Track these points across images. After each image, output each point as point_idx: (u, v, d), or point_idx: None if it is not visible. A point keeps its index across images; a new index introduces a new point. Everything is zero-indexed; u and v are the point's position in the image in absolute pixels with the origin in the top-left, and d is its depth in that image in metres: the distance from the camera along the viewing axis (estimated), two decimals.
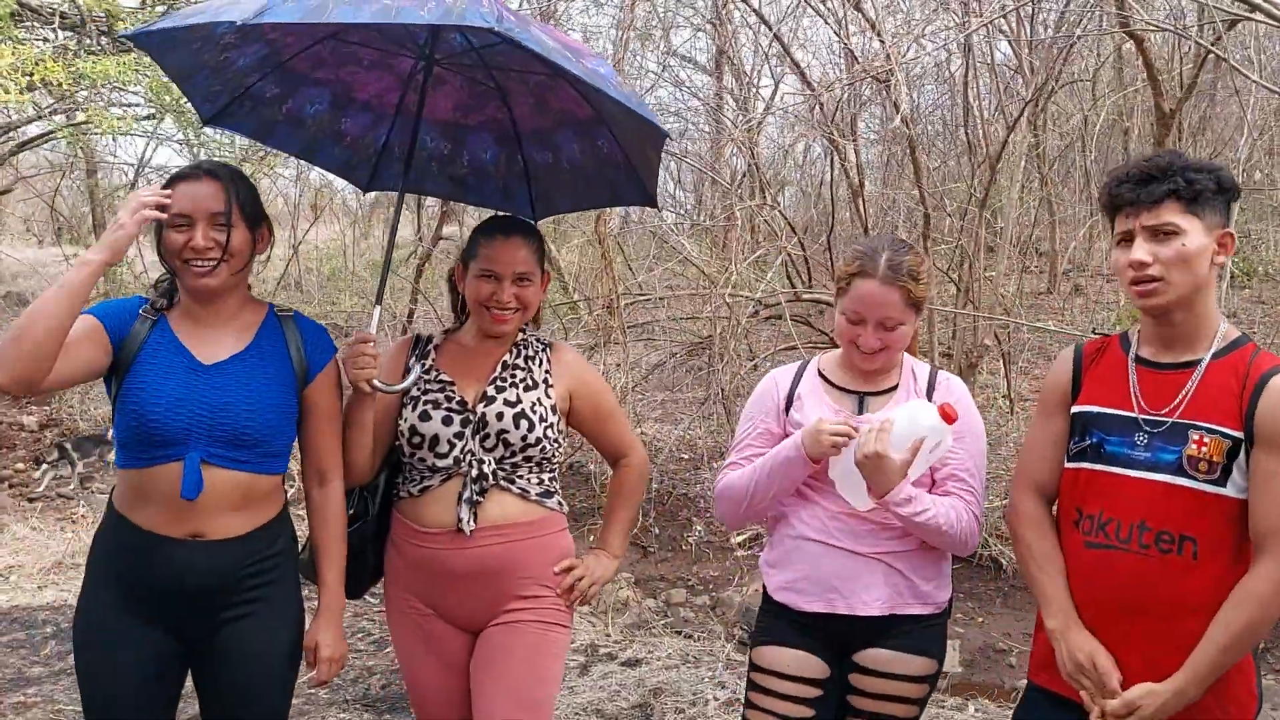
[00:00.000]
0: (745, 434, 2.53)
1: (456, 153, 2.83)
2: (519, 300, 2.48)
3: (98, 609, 2.25)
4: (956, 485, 2.36)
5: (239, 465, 2.22)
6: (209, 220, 2.19)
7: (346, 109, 2.75)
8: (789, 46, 7.45)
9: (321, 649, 2.35)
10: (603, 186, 2.77)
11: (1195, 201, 1.99)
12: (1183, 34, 5.95)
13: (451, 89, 2.73)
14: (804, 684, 2.38)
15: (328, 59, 2.62)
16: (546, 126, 2.69)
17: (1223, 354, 2.04)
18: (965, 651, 4.83)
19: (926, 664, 2.37)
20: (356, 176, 2.89)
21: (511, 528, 2.44)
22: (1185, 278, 2.00)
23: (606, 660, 4.52)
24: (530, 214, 2.84)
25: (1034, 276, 9.98)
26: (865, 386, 2.45)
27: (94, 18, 7.05)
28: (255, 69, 2.56)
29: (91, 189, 11.63)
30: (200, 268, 2.19)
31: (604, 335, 6.46)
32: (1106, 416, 2.12)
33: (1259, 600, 1.93)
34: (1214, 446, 1.97)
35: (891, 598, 2.35)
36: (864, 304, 2.34)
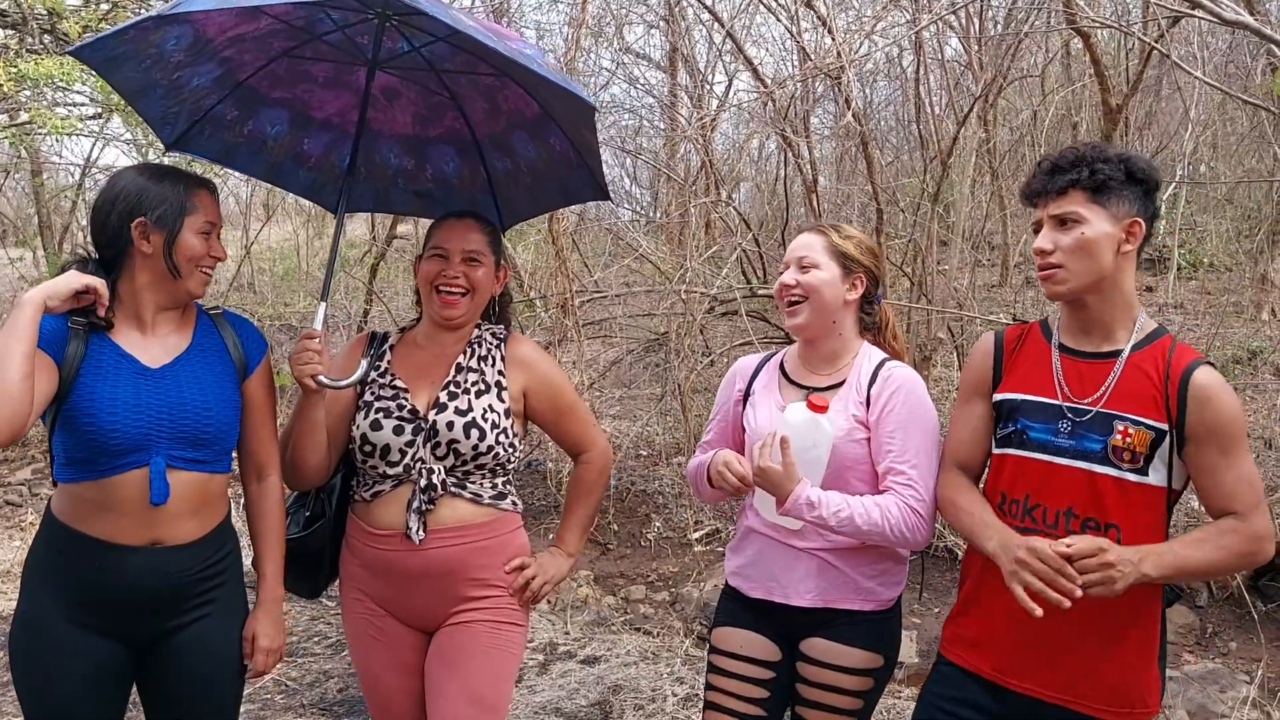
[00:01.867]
0: (709, 425, 2.69)
1: (419, 167, 2.82)
2: (468, 280, 2.47)
3: (40, 623, 2.20)
4: (894, 479, 2.32)
5: (198, 466, 2.23)
6: (218, 233, 2.30)
7: (307, 129, 2.73)
8: (742, 43, 7.47)
9: (260, 639, 2.35)
10: (557, 187, 2.77)
11: (1099, 191, 2.05)
12: (1127, 30, 6.05)
13: (408, 101, 2.72)
14: (755, 665, 2.46)
15: (284, 77, 2.60)
16: (500, 130, 2.69)
17: (1142, 345, 2.10)
18: (921, 641, 4.88)
19: (868, 658, 2.38)
20: (325, 199, 2.86)
21: (464, 530, 2.44)
22: (1085, 265, 2.06)
23: (565, 658, 4.51)
24: (499, 224, 2.83)
25: (986, 270, 10.10)
26: (814, 381, 2.46)
27: (35, 16, 6.90)
28: (212, 90, 2.54)
29: (37, 190, 11.38)
30: (208, 275, 2.29)
31: (560, 334, 6.44)
32: (1030, 403, 2.17)
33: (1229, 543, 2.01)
34: (1138, 438, 2.03)
35: (824, 591, 2.38)
36: (791, 251, 2.48)
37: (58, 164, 11.90)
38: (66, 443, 2.15)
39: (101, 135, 9.41)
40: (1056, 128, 9.90)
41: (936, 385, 7.51)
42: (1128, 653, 2.08)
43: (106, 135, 9.37)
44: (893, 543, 2.32)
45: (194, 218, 2.22)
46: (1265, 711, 4.01)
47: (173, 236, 2.19)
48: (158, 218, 2.19)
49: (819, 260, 2.42)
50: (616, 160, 10.08)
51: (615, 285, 7.75)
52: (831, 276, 2.41)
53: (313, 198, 2.90)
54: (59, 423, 2.16)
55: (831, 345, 2.46)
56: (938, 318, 6.68)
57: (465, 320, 2.52)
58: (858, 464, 2.36)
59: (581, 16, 5.43)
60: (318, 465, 2.45)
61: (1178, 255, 9.29)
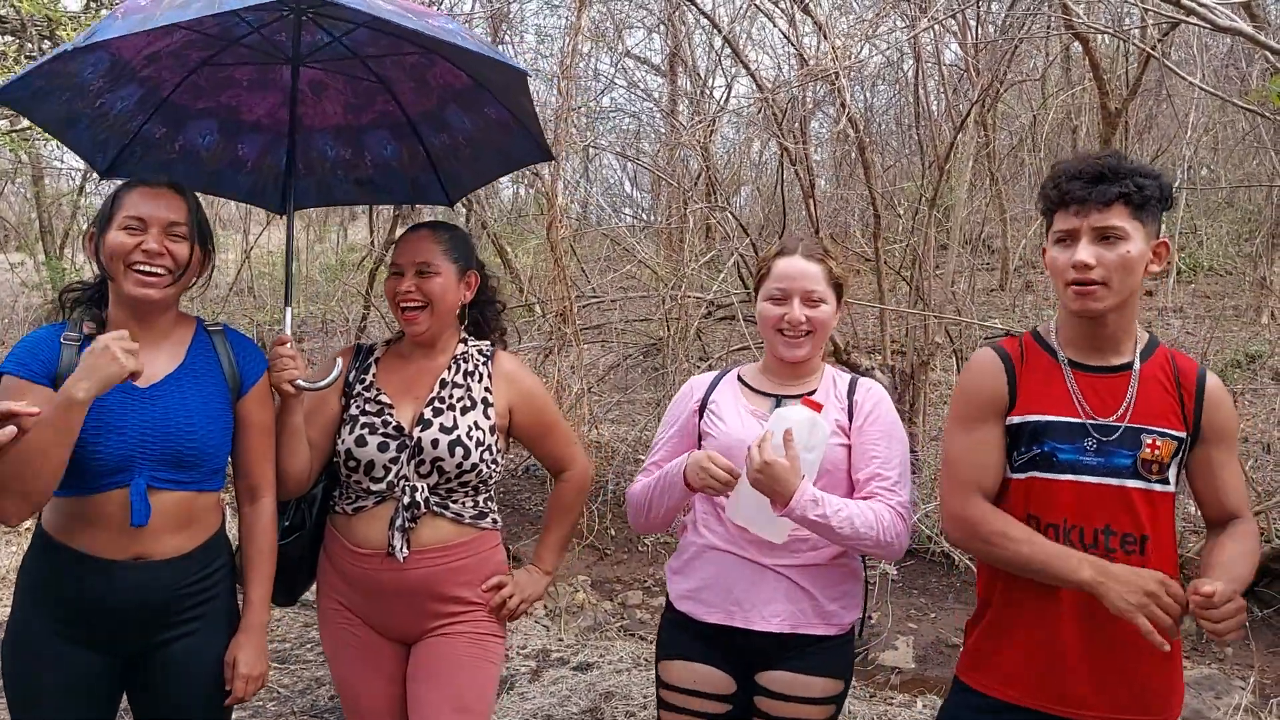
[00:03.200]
0: (657, 441, 2.55)
1: (358, 155, 2.81)
2: (422, 293, 2.42)
3: (28, 632, 2.20)
4: (880, 484, 2.30)
5: (183, 486, 2.19)
6: (163, 228, 2.16)
7: (239, 134, 2.71)
8: (741, 48, 7.47)
9: (240, 666, 2.29)
10: (497, 154, 2.75)
11: (1142, 208, 1.99)
12: (1122, 37, 6.04)
13: (336, 91, 2.70)
14: (711, 700, 2.37)
15: (206, 87, 2.58)
16: (432, 106, 2.67)
17: (1146, 356, 2.09)
18: (918, 647, 4.87)
19: (829, 685, 2.34)
20: (268, 200, 2.85)
21: (444, 550, 2.43)
22: (1125, 284, 2.00)
23: (558, 665, 4.51)
24: (445, 200, 2.83)
25: (986, 274, 10.10)
26: (784, 390, 2.43)
27: (34, 22, 6.92)
28: (136, 111, 2.51)
29: (38, 195, 11.42)
30: (146, 276, 2.14)
31: (558, 339, 6.44)
32: (1055, 425, 2.08)
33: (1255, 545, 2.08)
34: (1165, 449, 2.03)
35: (793, 615, 2.32)
36: (787, 279, 2.37)
37: (59, 169, 11.94)
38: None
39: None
40: (1056, 132, 9.91)
41: (935, 390, 7.51)
42: (1164, 659, 2.04)
43: None
44: (879, 548, 2.25)
45: (118, 215, 2.15)
46: (1259, 717, 3.99)
47: (99, 238, 2.16)
48: (98, 225, 2.17)
49: (825, 294, 2.37)
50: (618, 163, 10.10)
51: (613, 290, 7.75)
52: (832, 308, 2.39)
53: (255, 201, 2.87)
54: None
55: (811, 365, 2.46)
56: (936, 323, 6.67)
57: (433, 333, 2.49)
58: (837, 469, 2.34)
59: (577, 23, 5.43)
60: (299, 473, 2.43)
61: (1178, 259, 9.28)
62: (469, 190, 2.96)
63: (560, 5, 8.54)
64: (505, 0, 8.88)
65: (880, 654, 4.77)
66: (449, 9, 8.68)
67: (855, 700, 4.17)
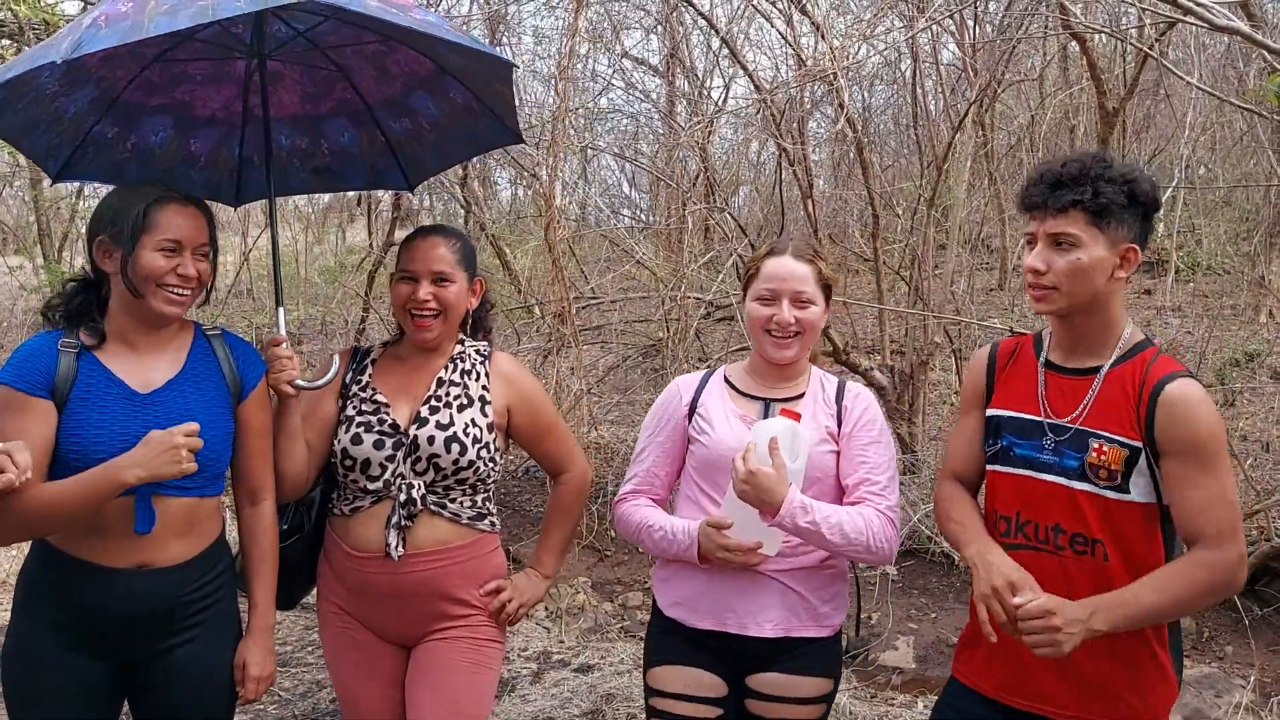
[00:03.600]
0: (643, 448, 2.52)
1: (314, 144, 2.80)
2: (438, 301, 2.43)
3: (28, 639, 2.20)
4: (869, 489, 2.32)
5: (185, 492, 2.20)
6: (194, 250, 2.19)
7: (192, 129, 2.68)
8: (738, 48, 7.47)
9: (250, 667, 2.32)
10: (464, 136, 2.74)
11: (1101, 215, 1.98)
12: (1120, 37, 6.04)
13: (292, 81, 2.69)
14: (704, 704, 2.37)
15: (159, 83, 2.55)
16: (396, 93, 2.66)
17: (1122, 360, 2.07)
18: (919, 647, 4.88)
19: (820, 684, 2.37)
20: (223, 195, 2.83)
21: (443, 552, 2.43)
22: (1076, 288, 2.02)
23: (559, 667, 4.51)
24: (405, 184, 2.84)
25: (984, 273, 10.11)
26: (771, 393, 2.43)
27: (32, 26, 6.93)
28: (89, 112, 2.49)
29: (36, 198, 11.40)
30: (178, 295, 2.17)
31: (557, 340, 6.44)
32: (1016, 420, 2.16)
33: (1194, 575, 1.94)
34: (1112, 455, 2.01)
35: (786, 619, 2.33)
36: (777, 279, 2.37)
37: None
38: (55, 466, 2.10)
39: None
40: (1054, 131, 9.91)
41: (934, 389, 7.52)
42: (1133, 665, 2.05)
43: None
44: (869, 553, 2.26)
45: (152, 235, 2.13)
46: (1260, 715, 4.00)
47: (128, 254, 2.13)
48: (115, 235, 2.14)
49: (814, 296, 2.37)
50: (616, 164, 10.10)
51: (612, 291, 7.75)
52: (821, 309, 2.39)
53: (211, 196, 2.82)
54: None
55: (799, 367, 2.46)
56: (935, 322, 6.68)
57: (442, 339, 2.50)
58: (826, 476, 2.36)
59: (575, 24, 5.43)
60: (297, 474, 2.42)
61: (1176, 258, 9.28)
62: (432, 174, 2.96)
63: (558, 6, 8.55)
64: (503, 2, 8.88)
65: (881, 654, 4.77)
66: (446, 11, 8.69)
67: (856, 701, 4.18)
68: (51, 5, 7.24)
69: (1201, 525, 1.95)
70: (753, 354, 2.50)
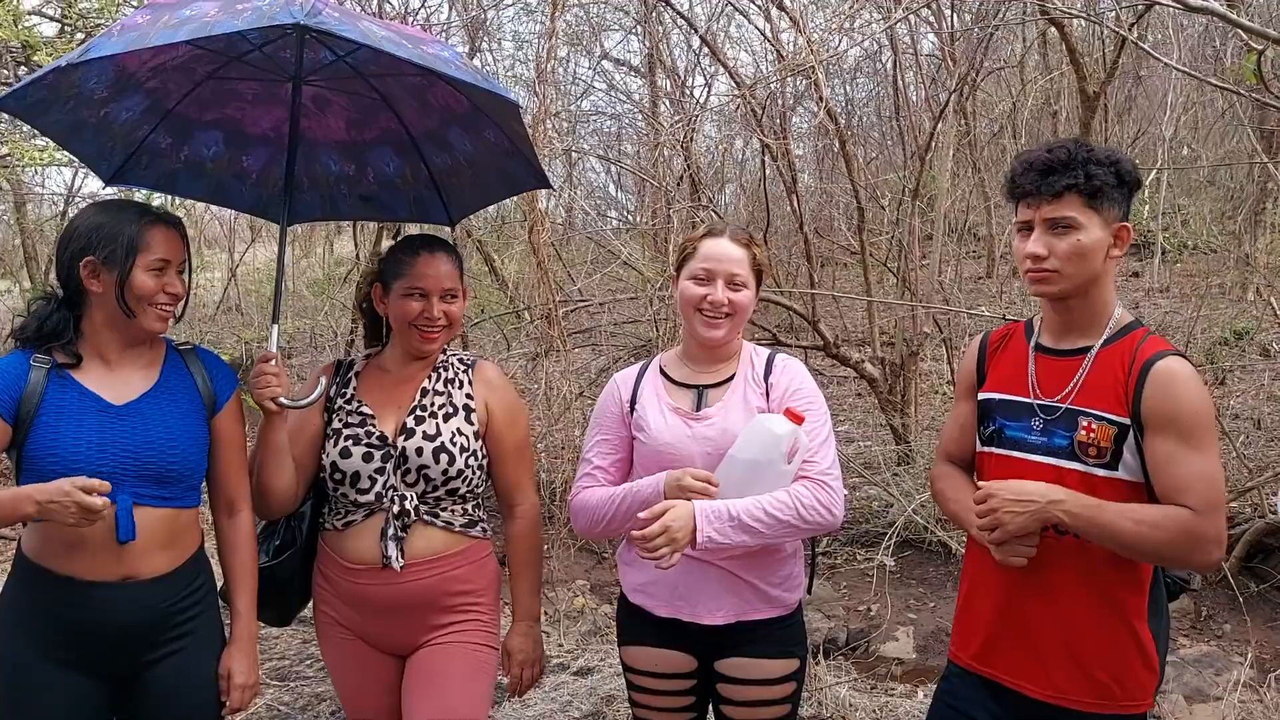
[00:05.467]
0: (591, 445, 2.53)
1: (361, 171, 2.82)
2: (448, 316, 2.47)
3: (16, 661, 2.20)
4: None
5: (165, 502, 2.23)
6: (178, 267, 2.25)
7: (245, 146, 2.73)
8: (718, 46, 7.47)
9: (235, 676, 2.34)
10: (500, 176, 2.76)
11: (1095, 196, 2.02)
12: (1096, 21, 6.06)
13: (339, 108, 2.72)
14: (675, 679, 2.44)
15: (211, 99, 2.60)
16: (435, 126, 2.68)
17: (1112, 340, 2.10)
18: (918, 637, 4.88)
19: (785, 665, 2.40)
20: (272, 212, 2.85)
21: (438, 560, 2.44)
22: (1079, 270, 2.05)
23: (559, 671, 4.50)
24: (446, 219, 2.84)
25: (972, 262, 10.13)
26: (703, 379, 2.45)
27: (9, 49, 6.89)
28: (142, 121, 2.54)
29: (20, 221, 11.37)
30: (165, 312, 2.24)
31: (546, 344, 6.43)
32: (1006, 403, 2.19)
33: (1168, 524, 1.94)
34: (1101, 432, 2.03)
35: (737, 606, 2.36)
36: (713, 259, 2.39)
37: (41, 194, 11.90)
38: (30, 477, 2.12)
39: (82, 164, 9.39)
40: (1036, 117, 9.93)
41: (925, 379, 7.53)
42: (1108, 645, 2.07)
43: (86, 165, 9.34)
44: (806, 524, 2.26)
45: (145, 255, 2.18)
46: (1259, 691, 4.00)
47: (124, 276, 2.16)
48: (106, 257, 2.16)
49: (747, 279, 2.40)
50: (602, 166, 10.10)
51: (600, 293, 7.75)
52: (752, 293, 2.42)
53: (260, 213, 2.90)
54: (24, 463, 2.15)
55: (730, 348, 2.47)
56: (924, 313, 6.69)
57: (440, 348, 2.55)
58: None
59: (551, 27, 5.43)
60: (284, 490, 2.43)
61: (1162, 239, 9.31)
62: (471, 211, 2.97)
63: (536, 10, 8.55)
64: (482, 8, 8.87)
65: (881, 645, 4.78)
66: (426, 18, 8.68)
67: (856, 693, 4.18)
68: (30, 27, 7.22)
69: (1187, 501, 1.95)
70: (684, 337, 2.52)
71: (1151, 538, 1.94)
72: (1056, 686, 2.09)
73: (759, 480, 2.25)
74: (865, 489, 6.21)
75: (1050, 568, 2.06)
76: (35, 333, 2.21)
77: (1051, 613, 2.08)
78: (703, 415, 2.39)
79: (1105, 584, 2.05)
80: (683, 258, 2.47)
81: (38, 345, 2.21)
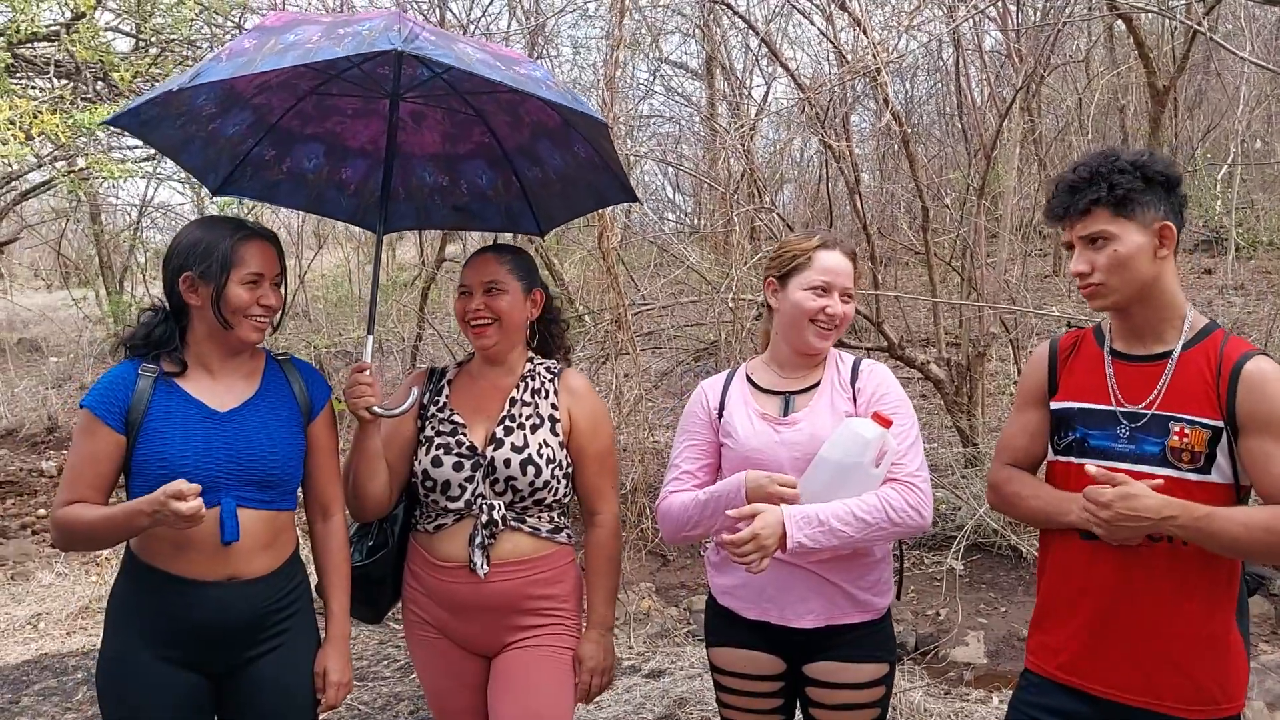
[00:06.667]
0: (679, 451, 2.55)
1: (455, 183, 2.88)
2: (491, 310, 2.51)
3: (126, 658, 2.29)
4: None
5: (265, 505, 2.32)
6: (272, 280, 2.34)
7: (344, 158, 2.81)
8: (778, 47, 7.46)
9: (330, 674, 2.42)
10: (588, 190, 2.80)
11: (1123, 205, 2.03)
12: (1168, 14, 5.94)
13: (434, 122, 2.79)
14: (764, 680, 2.45)
15: (313, 114, 2.69)
16: (526, 141, 2.73)
17: (1193, 344, 2.09)
18: (989, 642, 4.83)
19: (875, 669, 2.40)
20: (368, 222, 2.94)
21: (524, 564, 2.49)
22: (1125, 279, 2.06)
23: (630, 673, 4.54)
24: (537, 230, 2.89)
25: (1038, 260, 9.97)
26: (790, 386, 2.47)
27: (89, 65, 7.11)
28: (247, 134, 2.63)
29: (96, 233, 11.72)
30: (261, 323, 2.32)
31: (612, 347, 6.47)
32: (1086, 411, 2.17)
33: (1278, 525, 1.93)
34: (1195, 437, 2.02)
35: (826, 609, 2.37)
36: (831, 273, 2.43)
37: (115, 205, 12.24)
38: (143, 485, 2.21)
39: (155, 175, 9.65)
40: (1103, 112, 9.76)
41: (992, 380, 7.43)
42: (1207, 648, 2.06)
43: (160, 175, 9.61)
44: (896, 527, 2.26)
45: (239, 270, 2.27)
46: None
47: (219, 290, 2.26)
48: (203, 272, 2.26)
49: (852, 291, 2.45)
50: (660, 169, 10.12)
51: (662, 296, 7.77)
52: (853, 303, 2.48)
53: (357, 222, 2.98)
54: (133, 469, 2.24)
55: (819, 355, 2.49)
56: (990, 312, 6.61)
57: (503, 348, 2.56)
58: None
59: (619, 34, 5.46)
60: (379, 495, 2.50)
61: (1235, 235, 9.09)
62: (560, 223, 3.02)
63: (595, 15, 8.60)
64: (541, 14, 8.95)
65: (952, 650, 4.74)
66: (486, 27, 8.78)
67: (930, 699, 4.15)
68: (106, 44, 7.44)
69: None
70: (779, 343, 2.52)
71: (1264, 540, 1.93)
72: (1157, 694, 2.07)
73: (847, 483, 2.25)
74: (933, 492, 6.15)
75: (1146, 574, 2.05)
76: (143, 341, 2.32)
77: (1149, 618, 2.06)
78: (790, 421, 2.40)
79: (1199, 586, 2.04)
80: (793, 266, 2.46)
81: (145, 354, 2.31)
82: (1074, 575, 2.15)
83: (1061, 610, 2.20)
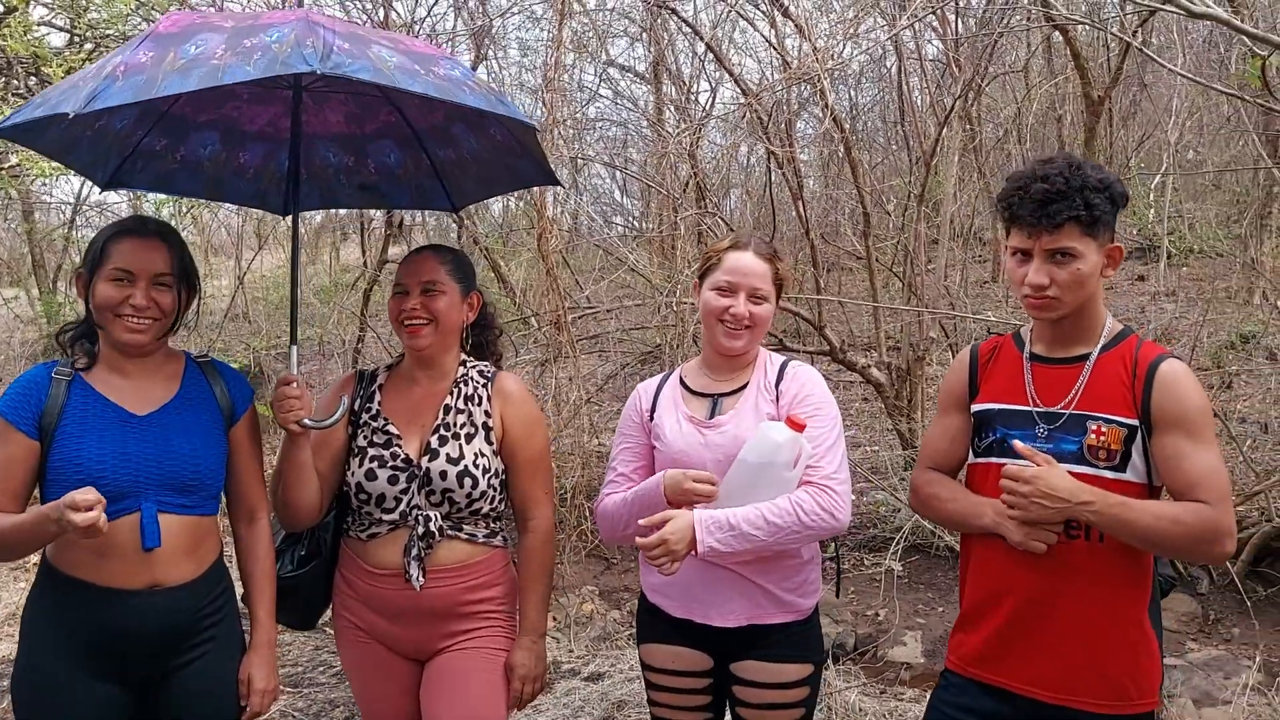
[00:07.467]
0: (616, 454, 2.57)
1: (361, 162, 2.84)
2: (427, 310, 2.47)
3: (43, 670, 2.23)
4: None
5: (187, 510, 2.26)
6: (150, 280, 2.23)
7: (241, 143, 2.75)
8: (723, 53, 7.50)
9: (255, 682, 2.38)
10: (505, 171, 2.78)
11: (1093, 225, 2.06)
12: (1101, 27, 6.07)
13: (337, 103, 2.74)
14: (691, 677, 2.47)
15: (207, 101, 2.61)
16: (439, 121, 2.69)
17: (1109, 347, 2.15)
18: (926, 642, 4.89)
19: (800, 669, 2.42)
20: (271, 204, 2.88)
21: (461, 569, 2.47)
22: (1078, 295, 2.10)
23: (569, 677, 4.53)
24: (449, 206, 2.87)
25: (978, 266, 10.13)
26: (719, 388, 2.49)
27: (20, 60, 6.94)
28: (137, 126, 2.55)
29: (29, 230, 11.42)
30: (135, 324, 2.21)
31: (554, 350, 6.46)
32: (1005, 412, 2.22)
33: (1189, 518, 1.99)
34: (1111, 435, 2.08)
35: (749, 609, 2.39)
36: (737, 273, 2.43)
37: (49, 203, 11.95)
38: (58, 493, 2.11)
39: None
40: (1041, 122, 9.94)
41: (931, 384, 7.53)
42: (1121, 645, 2.10)
43: None
44: (809, 529, 2.27)
45: (105, 267, 2.21)
46: (1267, 695, 4.01)
47: (90, 287, 2.22)
48: (88, 270, 2.24)
49: (768, 293, 2.45)
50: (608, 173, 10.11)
51: (607, 299, 7.77)
52: (773, 307, 2.47)
53: (257, 205, 2.92)
54: (49, 475, 2.18)
55: (747, 357, 2.51)
56: (930, 317, 6.70)
57: (436, 350, 2.53)
58: None
59: (559, 36, 5.46)
60: (310, 505, 2.46)
61: (1167, 243, 9.31)
62: (474, 200, 3.00)
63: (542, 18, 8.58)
64: (487, 16, 8.90)
65: (889, 650, 4.79)
66: (431, 27, 8.72)
67: (865, 698, 4.20)
68: (39, 39, 7.27)
69: (1201, 495, 2.00)
70: (704, 346, 2.56)
71: (1174, 532, 1.99)
72: (1071, 689, 2.11)
73: (763, 486, 2.27)
74: (872, 494, 6.22)
75: (1063, 570, 2.09)
76: (71, 335, 2.31)
77: (1066, 616, 2.11)
78: (715, 423, 2.42)
79: (1115, 583, 2.09)
80: (706, 267, 2.50)
81: (69, 347, 2.28)
82: (994, 576, 2.19)
83: (982, 610, 2.23)
